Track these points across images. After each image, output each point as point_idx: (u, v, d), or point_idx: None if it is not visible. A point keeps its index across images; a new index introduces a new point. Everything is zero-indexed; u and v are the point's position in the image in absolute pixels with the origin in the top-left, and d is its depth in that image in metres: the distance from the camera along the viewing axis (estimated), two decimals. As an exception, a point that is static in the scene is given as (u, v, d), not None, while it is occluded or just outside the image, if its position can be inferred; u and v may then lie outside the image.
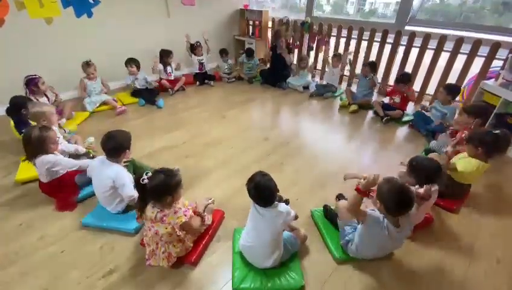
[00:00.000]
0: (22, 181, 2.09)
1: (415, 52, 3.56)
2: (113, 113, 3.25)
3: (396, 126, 3.13)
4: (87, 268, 1.49)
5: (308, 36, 4.52)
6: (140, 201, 1.41)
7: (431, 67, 3.48)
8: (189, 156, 2.49)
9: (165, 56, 3.80)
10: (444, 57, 3.36)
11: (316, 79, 4.58)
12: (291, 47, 4.51)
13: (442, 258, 1.60)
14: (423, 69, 3.56)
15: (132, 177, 1.78)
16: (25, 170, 2.13)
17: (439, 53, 3.37)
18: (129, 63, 3.49)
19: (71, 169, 1.92)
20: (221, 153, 2.54)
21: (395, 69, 3.76)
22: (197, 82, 4.22)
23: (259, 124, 3.20)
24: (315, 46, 4.51)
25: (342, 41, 4.19)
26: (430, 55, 3.44)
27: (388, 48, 3.78)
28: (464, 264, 1.57)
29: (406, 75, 3.19)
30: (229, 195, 2.01)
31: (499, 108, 2.64)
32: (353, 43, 4.06)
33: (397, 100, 3.21)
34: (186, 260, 1.50)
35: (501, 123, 2.64)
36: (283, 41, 4.09)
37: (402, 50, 3.68)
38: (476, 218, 1.89)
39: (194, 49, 4.12)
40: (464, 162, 1.88)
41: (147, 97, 3.54)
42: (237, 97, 3.85)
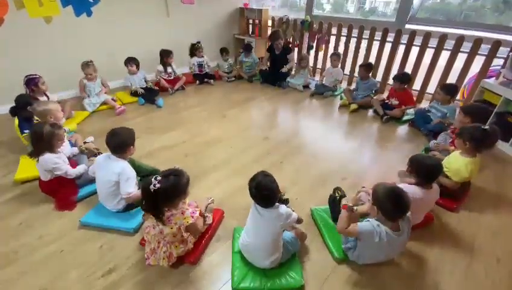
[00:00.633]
0: (22, 180, 2.09)
1: (415, 51, 3.54)
2: (113, 112, 3.25)
3: (396, 125, 3.12)
4: (86, 267, 1.49)
5: (308, 35, 4.52)
6: (151, 207, 1.34)
7: (431, 66, 3.46)
8: (188, 155, 2.49)
9: (165, 56, 3.78)
10: (444, 56, 3.35)
11: (316, 78, 4.57)
12: (290, 46, 4.46)
13: (442, 257, 1.59)
14: (423, 68, 3.55)
15: (136, 175, 1.79)
16: (25, 169, 2.13)
17: (439, 52, 3.36)
18: (129, 62, 3.48)
19: (67, 177, 1.90)
20: (221, 152, 2.53)
21: (395, 69, 3.74)
22: (197, 81, 4.21)
23: (259, 123, 3.19)
24: (315, 45, 4.50)
25: (342, 40, 4.18)
26: (431, 54, 3.43)
27: (388, 47, 3.77)
28: (464, 263, 1.57)
29: (406, 75, 3.18)
30: (229, 194, 2.01)
31: (500, 107, 2.63)
32: (353, 42, 4.05)
33: (395, 102, 3.20)
34: (185, 260, 1.50)
35: (501, 122, 2.63)
36: (280, 43, 4.07)
37: (402, 49, 3.67)
38: (476, 217, 1.89)
39: (195, 50, 4.10)
40: (454, 158, 1.91)
41: (147, 96, 3.54)
42: (237, 96, 3.84)
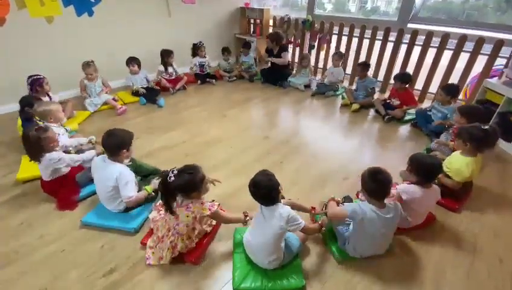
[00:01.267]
0: (23, 180, 2.10)
1: (417, 50, 3.52)
2: (113, 112, 3.25)
3: (398, 125, 3.11)
4: (87, 267, 1.49)
5: (309, 34, 4.50)
6: (165, 197, 1.40)
7: (433, 65, 3.44)
8: (189, 155, 2.48)
9: (166, 56, 3.77)
10: (447, 56, 3.33)
11: (318, 77, 4.56)
12: (286, 45, 4.36)
13: (444, 257, 1.58)
14: (426, 68, 3.53)
15: (135, 177, 1.78)
16: (26, 169, 2.13)
17: (441, 51, 3.35)
18: (130, 62, 3.48)
19: (75, 164, 1.94)
20: (221, 152, 2.53)
21: (397, 68, 3.73)
22: (199, 81, 4.20)
23: (259, 123, 3.19)
24: (316, 44, 4.49)
25: (344, 39, 4.16)
26: (433, 53, 3.41)
27: (390, 46, 3.75)
28: (467, 263, 1.56)
29: (407, 75, 3.16)
30: (229, 194, 2.01)
31: (502, 106, 2.62)
32: (355, 41, 4.04)
33: (396, 102, 3.19)
34: (186, 259, 1.49)
35: (504, 121, 2.61)
36: (278, 45, 4.07)
37: (404, 48, 3.65)
38: (478, 217, 1.87)
39: (197, 50, 4.10)
40: (455, 158, 1.90)
41: (148, 96, 3.54)
42: (238, 96, 3.84)
